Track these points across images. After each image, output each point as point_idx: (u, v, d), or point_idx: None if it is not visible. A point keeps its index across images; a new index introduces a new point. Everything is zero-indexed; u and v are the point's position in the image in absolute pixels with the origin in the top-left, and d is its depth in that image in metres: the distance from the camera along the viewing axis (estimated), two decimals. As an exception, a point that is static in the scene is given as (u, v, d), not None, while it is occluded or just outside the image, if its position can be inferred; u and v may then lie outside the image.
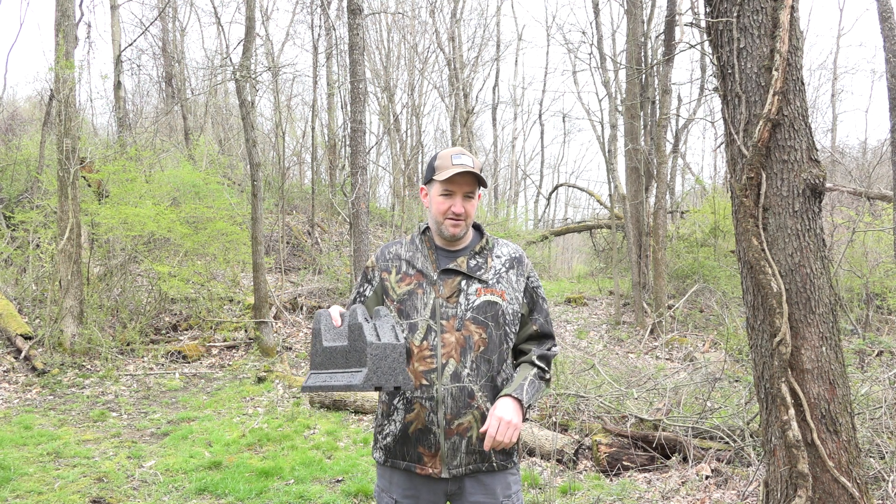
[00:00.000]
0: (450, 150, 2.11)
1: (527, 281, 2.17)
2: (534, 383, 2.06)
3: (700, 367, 6.97)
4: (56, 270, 8.61)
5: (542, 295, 2.21)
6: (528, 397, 2.00)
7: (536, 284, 2.21)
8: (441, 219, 2.10)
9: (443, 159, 2.09)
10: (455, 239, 2.13)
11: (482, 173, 2.11)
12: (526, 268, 2.18)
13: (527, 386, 2.03)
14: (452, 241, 2.14)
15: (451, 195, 2.08)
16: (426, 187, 2.17)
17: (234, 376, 8.43)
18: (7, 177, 11.97)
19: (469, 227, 2.16)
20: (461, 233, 2.11)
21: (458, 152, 2.09)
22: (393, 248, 2.22)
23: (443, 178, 2.04)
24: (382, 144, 20.05)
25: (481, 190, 2.16)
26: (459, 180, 2.06)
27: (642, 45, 12.50)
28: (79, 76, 10.83)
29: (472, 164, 2.06)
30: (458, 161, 2.06)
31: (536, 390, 2.07)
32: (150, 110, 18.56)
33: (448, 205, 2.07)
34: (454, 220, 2.08)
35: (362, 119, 9.49)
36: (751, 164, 3.01)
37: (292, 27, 29.51)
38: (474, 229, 2.23)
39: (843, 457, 2.93)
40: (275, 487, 4.66)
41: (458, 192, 2.07)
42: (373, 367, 1.77)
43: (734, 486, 4.33)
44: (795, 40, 3.00)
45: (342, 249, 14.39)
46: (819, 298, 2.96)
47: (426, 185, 2.17)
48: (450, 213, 2.08)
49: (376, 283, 2.17)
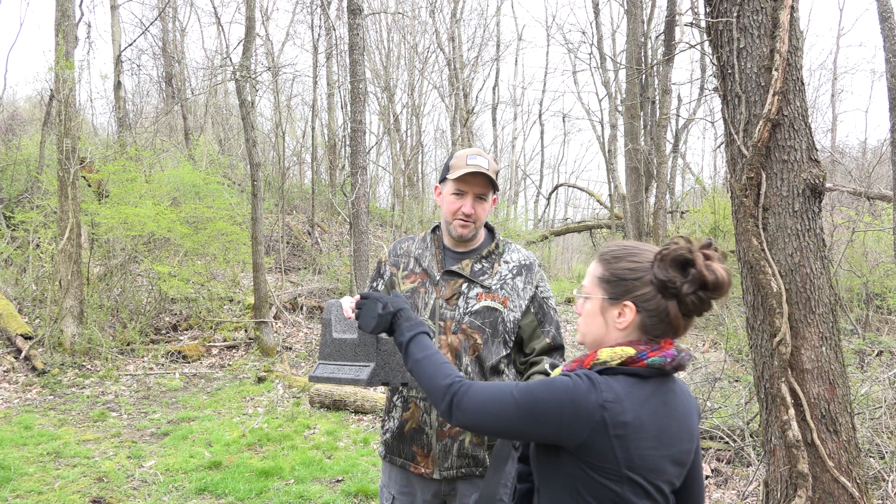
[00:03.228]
0: (467, 151, 2.09)
1: (535, 290, 2.10)
2: None
3: (700, 367, 6.97)
4: (56, 270, 8.61)
5: (552, 306, 2.14)
6: None
7: (546, 295, 2.13)
8: (450, 218, 2.07)
9: (458, 159, 2.07)
10: (463, 240, 2.10)
11: (496, 177, 2.08)
12: (535, 276, 2.12)
13: None
14: (461, 242, 2.11)
15: (462, 195, 2.05)
16: (440, 186, 2.15)
17: (234, 376, 8.43)
18: (7, 177, 11.97)
19: (479, 230, 2.12)
20: (469, 234, 2.08)
21: (475, 153, 2.06)
22: (405, 243, 2.20)
23: (454, 176, 2.02)
24: (382, 144, 20.06)
25: (496, 194, 2.13)
26: (471, 181, 2.03)
27: (642, 45, 12.50)
28: (79, 76, 10.83)
29: (486, 166, 2.03)
30: (472, 161, 2.03)
31: None
32: (150, 110, 18.56)
33: (458, 205, 2.05)
34: (463, 221, 2.06)
35: (362, 119, 9.49)
36: (751, 164, 3.01)
37: (292, 27, 29.49)
38: (487, 232, 2.19)
39: (843, 457, 2.93)
40: (275, 487, 4.66)
41: (469, 193, 2.04)
42: (381, 362, 1.75)
43: (734, 486, 4.33)
44: (795, 40, 3.00)
45: (342, 249, 14.39)
46: (819, 298, 2.96)
47: (440, 183, 2.15)
48: (459, 214, 2.05)
49: (386, 278, 2.17)
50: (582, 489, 1.32)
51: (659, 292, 1.34)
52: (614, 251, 1.41)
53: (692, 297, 1.31)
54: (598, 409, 1.28)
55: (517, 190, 27.17)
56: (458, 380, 1.40)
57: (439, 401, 1.40)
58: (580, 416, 1.28)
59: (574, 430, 1.29)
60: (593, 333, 1.41)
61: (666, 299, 1.33)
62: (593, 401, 1.28)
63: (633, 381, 1.32)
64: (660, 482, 1.33)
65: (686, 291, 1.31)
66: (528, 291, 2.09)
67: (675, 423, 1.35)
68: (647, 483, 1.31)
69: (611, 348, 1.35)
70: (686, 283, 1.31)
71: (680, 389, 1.42)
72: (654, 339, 1.37)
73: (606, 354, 1.34)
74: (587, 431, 1.28)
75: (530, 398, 1.32)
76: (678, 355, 1.36)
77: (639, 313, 1.35)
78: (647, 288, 1.34)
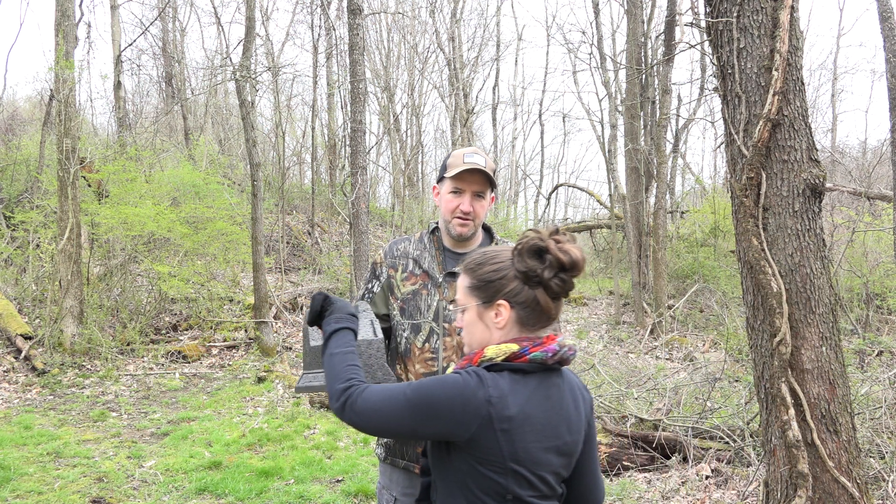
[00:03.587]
0: (463, 150, 2.10)
1: None
2: None
3: (700, 367, 6.97)
4: (56, 270, 8.61)
5: None
6: None
7: None
8: (449, 217, 2.08)
9: (455, 157, 2.08)
10: (463, 239, 2.10)
11: (494, 174, 2.09)
12: None
13: None
14: (460, 242, 2.12)
15: (460, 193, 2.06)
16: (438, 185, 2.15)
17: (234, 376, 8.43)
18: (7, 177, 11.97)
19: (478, 228, 2.13)
20: (469, 233, 2.09)
21: (472, 151, 2.08)
22: (402, 244, 2.19)
23: (451, 174, 2.03)
24: (382, 144, 20.06)
25: (494, 193, 2.14)
26: (469, 178, 2.04)
27: (642, 45, 12.50)
28: (79, 76, 10.85)
29: (483, 164, 2.05)
30: (469, 159, 2.04)
31: None
32: (150, 110, 18.56)
33: (456, 203, 2.06)
34: (462, 220, 2.06)
35: (362, 119, 9.49)
36: (751, 164, 3.01)
37: (292, 27, 29.49)
38: (484, 231, 2.20)
39: (843, 457, 2.93)
40: (275, 487, 4.66)
41: (467, 191, 2.05)
42: None
43: (734, 486, 4.33)
44: (795, 40, 3.00)
45: (342, 249, 14.39)
46: (819, 298, 2.96)
47: (438, 183, 2.15)
48: (458, 212, 2.06)
49: (384, 280, 2.15)
50: (470, 483, 1.39)
51: (525, 284, 1.43)
52: (476, 259, 1.50)
53: (555, 281, 1.42)
54: (484, 405, 1.35)
55: (517, 190, 27.16)
56: (357, 384, 1.45)
57: (334, 400, 1.45)
58: (469, 412, 1.35)
59: (463, 425, 1.35)
60: (477, 339, 1.49)
61: (532, 289, 1.43)
62: (481, 396, 1.35)
63: (518, 377, 1.40)
64: (544, 473, 1.41)
65: (548, 276, 1.41)
66: None
67: (557, 416, 1.44)
68: (530, 474, 1.39)
69: (496, 345, 1.43)
70: (545, 268, 1.41)
71: (567, 383, 1.50)
72: (537, 335, 1.45)
73: (492, 351, 1.42)
74: (475, 426, 1.35)
75: (422, 396, 1.38)
76: (560, 350, 1.44)
77: (513, 309, 1.44)
78: (514, 283, 1.44)
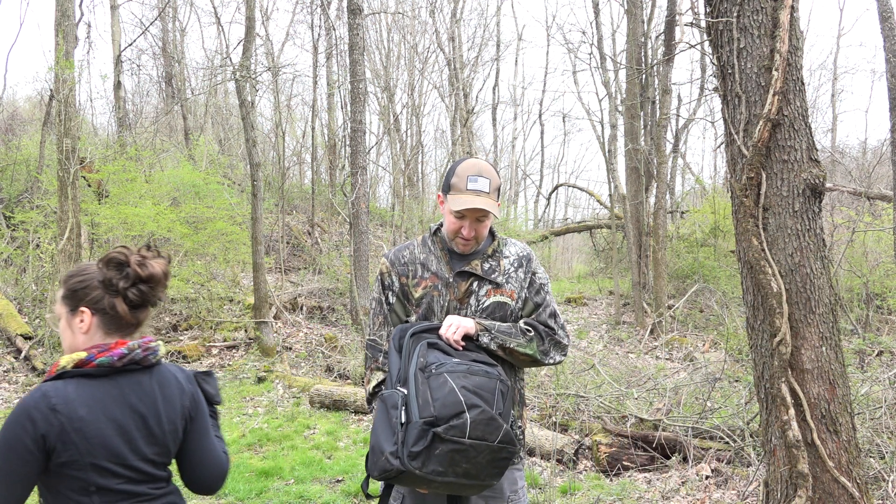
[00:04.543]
0: (468, 169, 2.10)
1: (532, 277, 2.20)
2: (511, 327, 2.10)
3: (700, 367, 6.97)
4: (56, 270, 8.61)
5: (548, 291, 2.23)
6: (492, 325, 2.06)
7: (543, 281, 2.22)
8: (452, 236, 2.14)
9: (459, 178, 2.09)
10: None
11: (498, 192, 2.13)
12: (533, 264, 2.21)
13: (500, 324, 2.08)
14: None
15: (462, 218, 2.09)
16: (442, 196, 2.18)
17: (234, 376, 8.43)
18: (7, 177, 11.97)
19: (480, 244, 2.18)
20: (470, 251, 2.15)
21: (476, 173, 2.08)
22: (405, 252, 2.22)
23: (455, 207, 2.06)
24: (382, 144, 20.04)
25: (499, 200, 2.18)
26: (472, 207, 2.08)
27: (642, 45, 12.49)
28: (79, 76, 10.85)
29: (487, 189, 2.07)
30: (472, 186, 2.06)
31: (509, 332, 2.08)
32: (150, 110, 18.56)
33: (459, 226, 2.10)
34: (464, 241, 2.12)
35: (362, 119, 9.49)
36: (751, 164, 3.01)
37: (292, 27, 29.52)
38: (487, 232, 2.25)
39: (843, 457, 2.93)
40: (275, 487, 4.66)
41: (469, 217, 2.08)
42: None
43: (734, 486, 4.33)
44: (795, 40, 3.00)
45: (342, 249, 14.38)
46: (819, 298, 2.96)
47: (442, 193, 2.18)
48: (460, 234, 2.11)
49: (397, 288, 2.18)
50: (61, 487, 1.52)
51: (106, 292, 1.60)
52: (70, 272, 1.66)
53: (132, 291, 1.60)
54: (51, 414, 1.47)
55: (517, 190, 27.15)
56: None
57: None
58: (39, 427, 1.47)
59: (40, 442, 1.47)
60: (67, 343, 1.64)
61: (112, 297, 1.59)
62: (44, 408, 1.48)
63: (87, 381, 1.54)
64: (132, 461, 1.56)
65: (124, 286, 1.59)
66: (528, 280, 2.20)
67: (140, 410, 1.59)
68: (112, 464, 1.53)
69: (69, 355, 1.57)
70: (122, 279, 1.59)
71: (157, 379, 1.64)
72: (106, 342, 1.59)
73: (65, 360, 1.56)
74: (52, 438, 1.47)
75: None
76: (129, 353, 1.58)
77: (94, 315, 1.60)
78: (97, 291, 1.60)
